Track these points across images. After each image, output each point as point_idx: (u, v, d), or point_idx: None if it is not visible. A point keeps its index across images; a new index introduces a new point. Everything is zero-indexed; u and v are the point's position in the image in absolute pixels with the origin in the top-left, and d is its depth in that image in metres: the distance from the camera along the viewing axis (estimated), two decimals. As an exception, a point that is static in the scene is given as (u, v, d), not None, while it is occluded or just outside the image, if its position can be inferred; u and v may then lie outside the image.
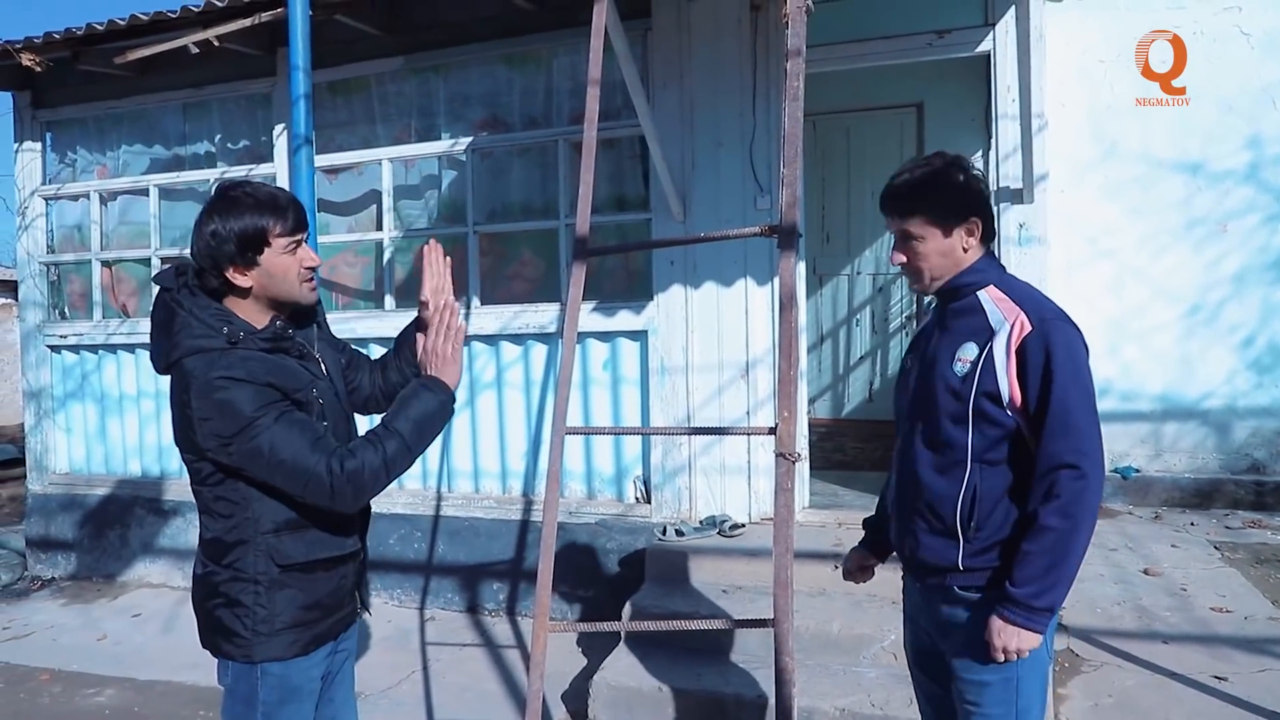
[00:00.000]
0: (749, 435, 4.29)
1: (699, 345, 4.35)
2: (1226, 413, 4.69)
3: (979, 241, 1.89)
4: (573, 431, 2.61)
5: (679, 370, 4.37)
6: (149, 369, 5.48)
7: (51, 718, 3.77)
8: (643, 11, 4.32)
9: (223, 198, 1.78)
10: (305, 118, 3.75)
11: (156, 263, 5.58)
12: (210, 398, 1.69)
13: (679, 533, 4.16)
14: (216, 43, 4.54)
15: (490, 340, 4.80)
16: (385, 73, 5.02)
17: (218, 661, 1.89)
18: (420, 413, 1.82)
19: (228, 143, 5.50)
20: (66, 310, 6.02)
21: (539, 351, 4.74)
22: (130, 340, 5.62)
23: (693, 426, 4.31)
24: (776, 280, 4.00)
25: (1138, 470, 4.77)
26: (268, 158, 5.28)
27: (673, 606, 3.73)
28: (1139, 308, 4.75)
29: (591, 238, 2.70)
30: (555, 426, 2.42)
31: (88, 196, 5.80)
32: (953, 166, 1.88)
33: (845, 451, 5.85)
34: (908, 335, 6.57)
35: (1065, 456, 1.72)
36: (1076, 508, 1.71)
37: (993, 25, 4.07)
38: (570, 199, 4.60)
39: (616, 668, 3.47)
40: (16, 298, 7.54)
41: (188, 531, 5.34)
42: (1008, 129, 4.09)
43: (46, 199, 5.94)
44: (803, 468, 4.32)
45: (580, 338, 4.46)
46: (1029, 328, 1.77)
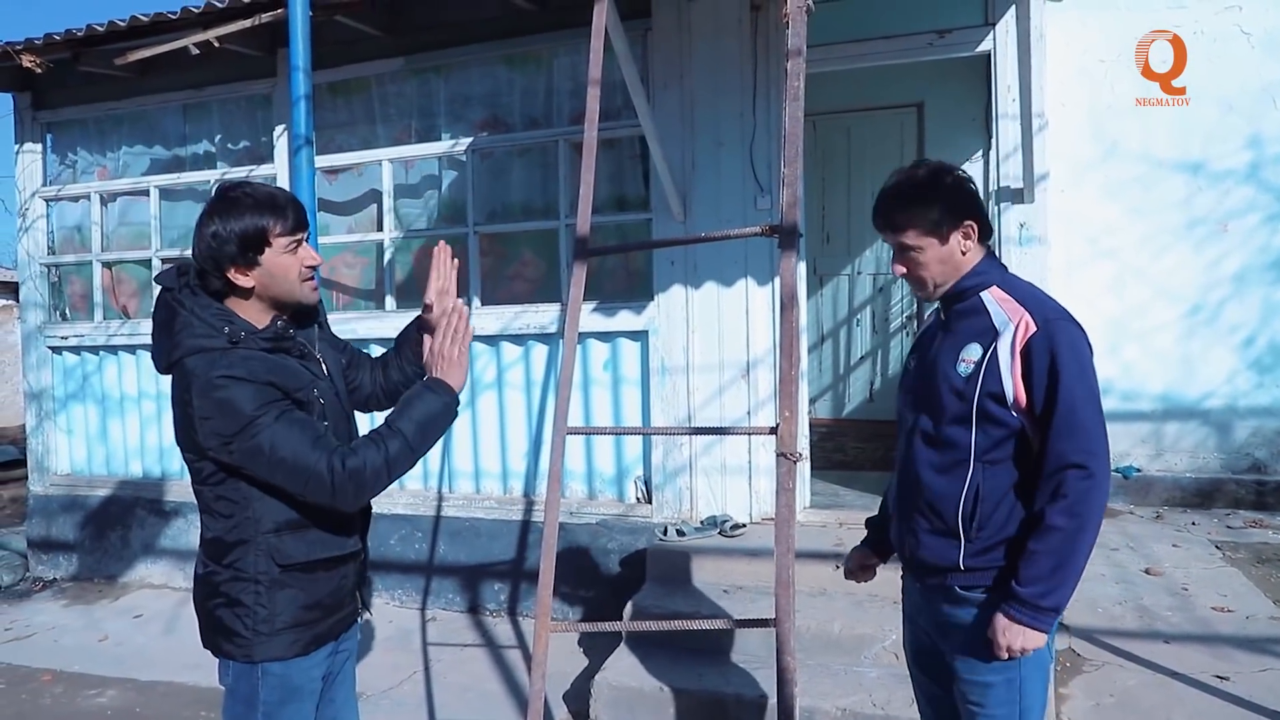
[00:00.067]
0: (750, 435, 4.29)
1: (700, 345, 4.35)
2: (1227, 412, 4.69)
3: (977, 243, 1.88)
4: (574, 431, 2.61)
5: (680, 370, 4.37)
6: (150, 370, 5.50)
7: (53, 718, 3.77)
8: (643, 11, 4.32)
9: (222, 199, 1.79)
10: (306, 118, 3.75)
11: (157, 264, 5.58)
12: (211, 396, 1.69)
13: (680, 533, 4.16)
14: (217, 44, 4.54)
15: (491, 341, 4.80)
16: (385, 73, 5.02)
17: (219, 662, 1.89)
18: (424, 414, 1.82)
19: (228, 143, 5.50)
20: (67, 311, 6.02)
21: (540, 352, 4.74)
22: (131, 341, 5.62)
23: (694, 426, 4.31)
24: (777, 280, 4.00)
25: (1139, 470, 4.77)
26: (268, 158, 5.28)
27: (674, 607, 3.74)
28: (1140, 307, 4.75)
29: (592, 238, 2.70)
30: (556, 426, 2.42)
31: (88, 198, 5.81)
32: (938, 174, 1.87)
33: (846, 451, 5.85)
34: (908, 335, 6.57)
35: (1073, 456, 1.72)
36: (1083, 507, 1.71)
37: (993, 25, 4.07)
38: (570, 199, 4.60)
39: (618, 668, 3.47)
40: (17, 299, 7.55)
41: (189, 532, 5.34)
42: (1008, 129, 4.08)
43: (47, 200, 5.95)
44: (804, 468, 4.32)
45: (581, 338, 4.46)
46: (1034, 328, 1.77)
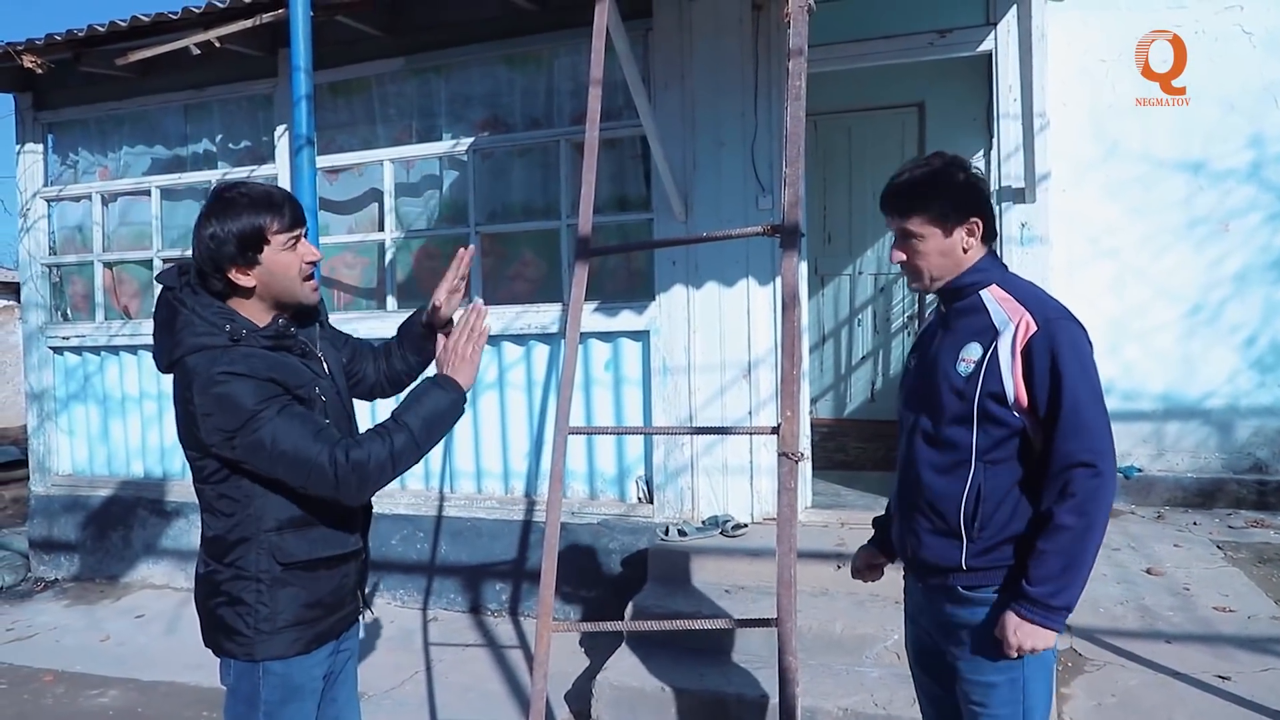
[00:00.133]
0: (751, 435, 4.29)
1: (701, 345, 4.35)
2: (1229, 412, 4.69)
3: (980, 241, 1.88)
4: (576, 431, 2.61)
5: (681, 370, 4.37)
6: (151, 370, 5.49)
7: (55, 719, 3.78)
8: (644, 11, 4.32)
9: (218, 200, 1.79)
10: (307, 118, 3.75)
11: (158, 264, 5.58)
12: (212, 392, 1.69)
13: (681, 533, 4.16)
14: (218, 44, 4.54)
15: (492, 341, 4.80)
16: (386, 73, 5.02)
17: (220, 661, 1.89)
18: (430, 409, 1.82)
19: (229, 143, 5.50)
20: (69, 312, 6.03)
21: (541, 352, 4.74)
22: (132, 342, 5.63)
23: (695, 426, 4.31)
24: (778, 280, 4.00)
25: (1140, 470, 4.76)
26: (269, 158, 5.29)
27: (675, 606, 3.74)
28: (1140, 307, 4.74)
29: (593, 238, 2.70)
30: (558, 426, 2.42)
31: (89, 198, 5.81)
32: (953, 166, 1.88)
33: (847, 451, 5.85)
34: (909, 335, 6.57)
35: (1079, 455, 1.71)
36: (1091, 505, 1.71)
37: (994, 24, 4.07)
38: (572, 199, 4.60)
39: (619, 668, 3.47)
40: (19, 300, 7.54)
41: (190, 533, 5.34)
42: (1009, 128, 4.08)
43: (48, 200, 5.95)
44: (805, 467, 4.31)
45: (582, 338, 4.46)
46: (1034, 327, 1.76)
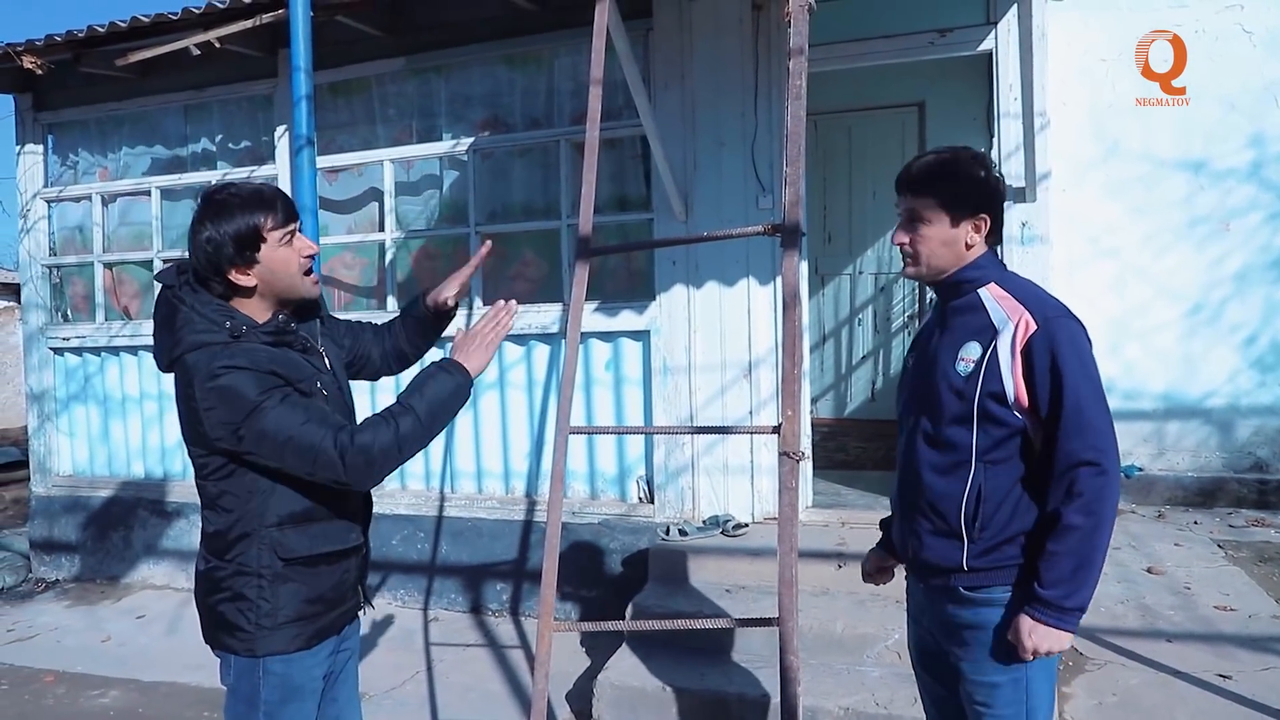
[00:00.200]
0: (752, 434, 4.29)
1: (702, 345, 4.34)
2: (1229, 411, 4.69)
3: (984, 240, 1.88)
4: (577, 431, 2.61)
5: (682, 370, 4.37)
6: (151, 371, 5.50)
7: (56, 719, 3.78)
8: (644, 11, 4.32)
9: (210, 203, 1.80)
10: (307, 119, 3.75)
11: (158, 264, 5.57)
12: (213, 385, 1.70)
13: (682, 532, 4.16)
14: (218, 44, 4.54)
15: (493, 341, 4.79)
16: (386, 73, 5.02)
17: (220, 661, 1.89)
18: (436, 394, 1.82)
19: (229, 144, 5.50)
20: (69, 312, 6.02)
21: (541, 352, 4.74)
22: (133, 342, 5.63)
23: (696, 426, 4.31)
24: (779, 280, 4.01)
25: (1141, 469, 4.76)
26: (269, 159, 5.29)
27: (676, 606, 3.74)
28: (1141, 306, 4.74)
29: (594, 238, 2.70)
30: (559, 426, 2.42)
31: (89, 199, 5.81)
32: (975, 160, 1.88)
33: (848, 451, 5.85)
34: (910, 335, 6.57)
35: (1083, 454, 1.71)
36: (1099, 504, 1.70)
37: (994, 24, 4.07)
38: (572, 199, 4.60)
39: (620, 668, 3.48)
40: (19, 300, 7.54)
41: (191, 533, 5.34)
42: (1010, 128, 4.08)
43: (48, 201, 5.95)
44: (806, 467, 4.31)
45: (583, 338, 4.46)
46: (1034, 326, 1.75)
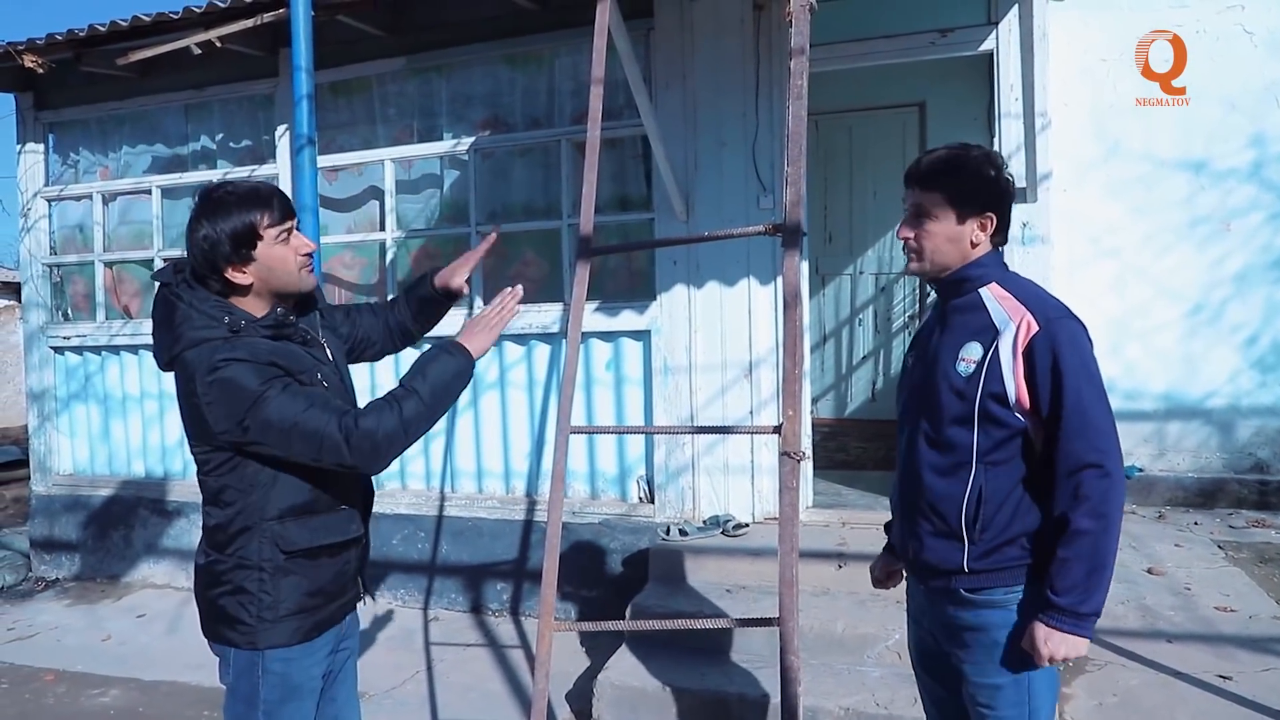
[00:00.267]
0: (753, 434, 4.29)
1: (702, 345, 4.34)
2: (1230, 412, 4.68)
3: (989, 239, 1.86)
4: (577, 431, 2.60)
5: (682, 370, 4.37)
6: (152, 370, 5.50)
7: (56, 718, 3.78)
8: (645, 11, 4.32)
9: (207, 201, 1.81)
10: (308, 118, 3.76)
11: (159, 263, 5.57)
12: (213, 379, 1.71)
13: (682, 532, 4.16)
14: (219, 43, 4.54)
15: (493, 340, 4.79)
16: (387, 73, 5.02)
17: (219, 660, 1.90)
18: (439, 375, 1.83)
19: (230, 143, 5.50)
20: (69, 311, 6.02)
21: (542, 352, 4.74)
22: (133, 341, 5.63)
23: (697, 426, 4.31)
24: (780, 280, 4.01)
25: (1141, 469, 4.76)
26: (270, 158, 5.28)
27: (676, 606, 3.74)
28: (1142, 307, 4.74)
29: (595, 237, 2.70)
30: (560, 426, 2.42)
31: (90, 198, 5.81)
32: (985, 159, 1.87)
33: (848, 451, 5.85)
34: (910, 335, 6.56)
35: (1087, 456, 1.70)
36: (1106, 507, 1.69)
37: (995, 24, 4.06)
38: (573, 199, 4.60)
39: (620, 667, 3.48)
40: (19, 299, 7.54)
41: (191, 532, 5.34)
42: (1011, 128, 4.08)
43: (49, 200, 5.95)
44: (806, 467, 4.31)
45: (584, 337, 4.45)
46: (1036, 328, 1.74)
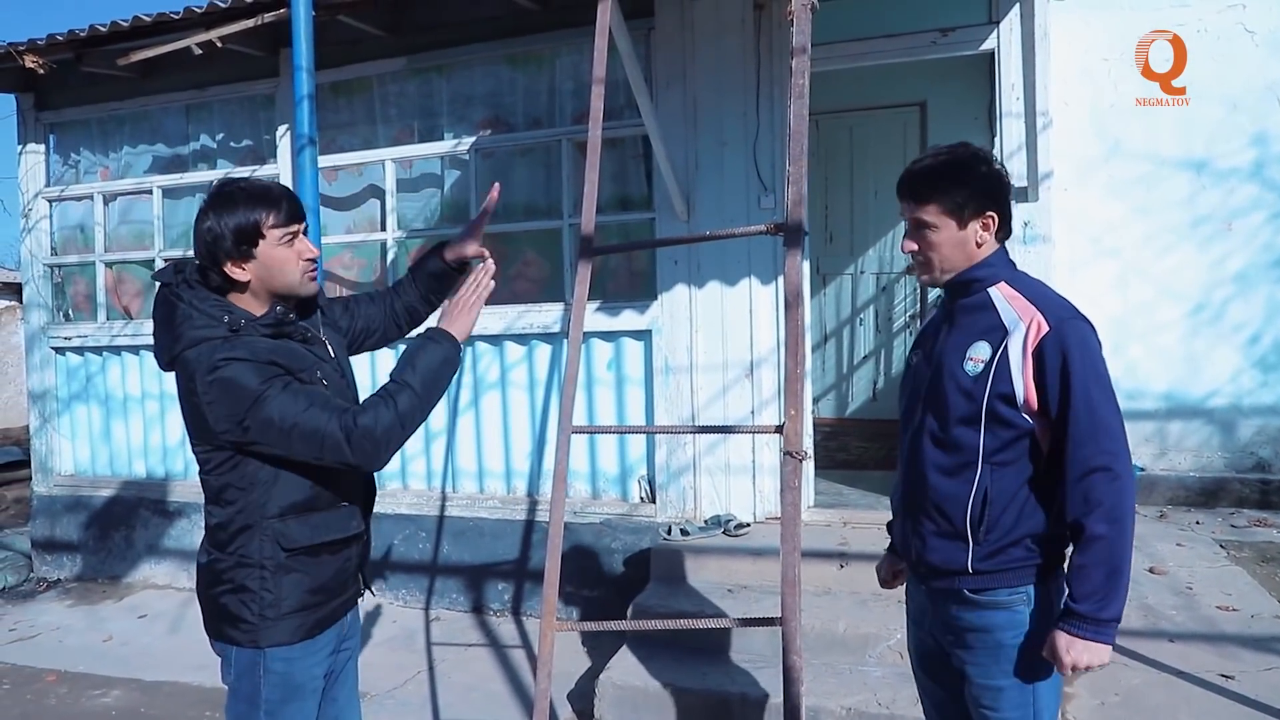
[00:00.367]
0: (754, 434, 4.28)
1: (703, 345, 4.34)
2: (1232, 411, 4.68)
3: (994, 237, 1.85)
4: (579, 430, 2.60)
5: (683, 370, 4.37)
6: (153, 370, 5.50)
7: (58, 718, 3.78)
8: (645, 11, 4.32)
9: (218, 194, 1.82)
10: (309, 118, 3.76)
11: (160, 264, 5.57)
12: (214, 379, 1.71)
13: (684, 532, 4.16)
14: (219, 44, 4.55)
15: (494, 340, 4.80)
16: (388, 73, 5.02)
17: (221, 660, 1.90)
18: (427, 365, 1.84)
19: (230, 143, 5.50)
20: (70, 312, 6.02)
21: (543, 352, 4.73)
22: (134, 342, 5.63)
23: (698, 425, 4.31)
24: (780, 279, 4.00)
25: (1143, 469, 4.76)
26: (270, 158, 5.28)
27: (678, 606, 3.74)
28: (1143, 306, 4.74)
29: (596, 237, 2.70)
30: (562, 426, 2.42)
31: (91, 198, 5.81)
32: (976, 158, 1.84)
33: (850, 451, 5.84)
34: (912, 334, 6.56)
35: (1097, 459, 1.68)
36: (1120, 511, 1.68)
37: (996, 23, 4.06)
38: (574, 199, 4.60)
39: (622, 667, 3.47)
40: (20, 300, 7.54)
41: (193, 532, 5.34)
42: (1012, 127, 4.08)
43: (50, 201, 5.95)
44: (808, 467, 4.31)
45: (585, 337, 4.45)
46: (1046, 328, 1.72)
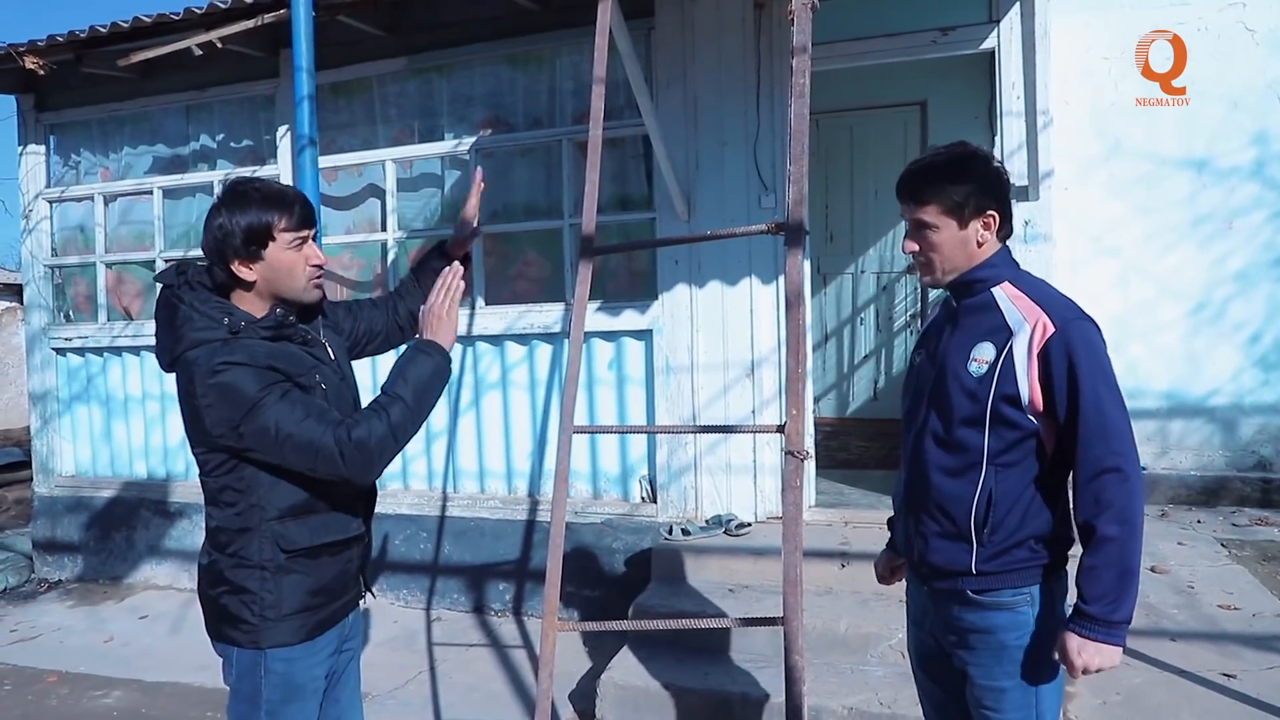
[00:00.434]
0: (756, 433, 4.28)
1: (704, 344, 4.34)
2: (1233, 410, 4.68)
3: (995, 236, 1.84)
4: (580, 430, 2.61)
5: (684, 369, 4.37)
6: (153, 371, 5.50)
7: (59, 719, 3.78)
8: (646, 10, 4.32)
9: (232, 192, 1.83)
10: (309, 119, 3.75)
11: (160, 264, 5.57)
12: (213, 382, 1.71)
13: (685, 532, 4.16)
14: (219, 44, 4.54)
15: (495, 340, 4.80)
16: (388, 73, 5.02)
17: (222, 661, 1.90)
18: (418, 376, 1.85)
19: (231, 143, 5.50)
20: (71, 313, 6.02)
21: (544, 351, 4.73)
22: (135, 342, 5.63)
23: (699, 425, 4.30)
24: (781, 279, 4.00)
25: (1144, 468, 4.75)
26: (271, 159, 5.28)
27: (679, 606, 3.73)
28: (1144, 305, 4.74)
29: (596, 237, 2.70)
30: (563, 426, 2.42)
31: (91, 199, 5.81)
32: (974, 157, 1.83)
33: (850, 450, 5.84)
34: (912, 334, 6.55)
35: (1107, 460, 1.67)
36: (1130, 512, 1.67)
37: (997, 22, 4.06)
38: (574, 199, 4.59)
39: (623, 667, 3.47)
40: (21, 301, 7.54)
41: (194, 533, 5.34)
42: (1012, 126, 4.07)
43: (50, 202, 5.95)
44: (809, 466, 4.31)
45: (586, 337, 4.45)
46: (1052, 329, 1.71)
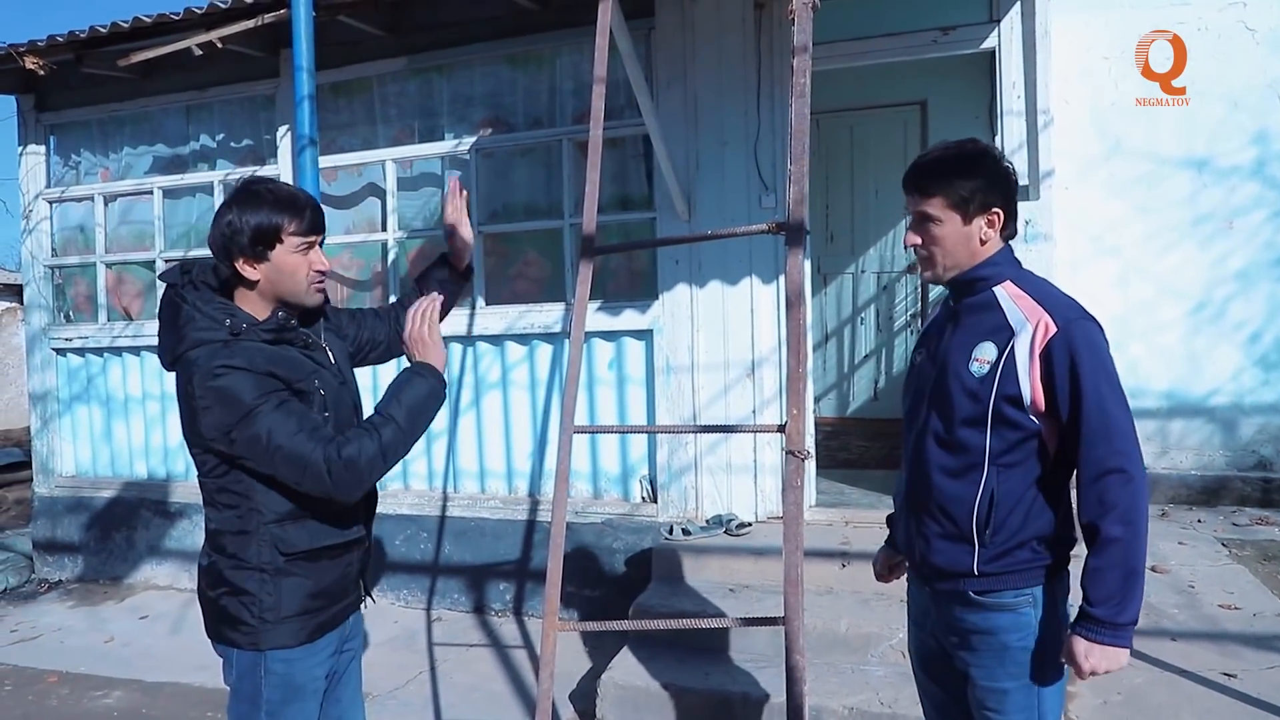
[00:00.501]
0: (756, 433, 4.28)
1: (704, 344, 4.34)
2: (1233, 410, 4.68)
3: (999, 235, 1.83)
4: (581, 430, 2.61)
5: (685, 369, 4.37)
6: (154, 371, 5.51)
7: (59, 719, 3.78)
8: (646, 10, 4.32)
9: (245, 190, 1.83)
10: (310, 119, 3.75)
11: (160, 265, 5.57)
12: (211, 385, 1.71)
13: (685, 532, 4.16)
14: (220, 44, 4.54)
15: (495, 340, 4.80)
16: (388, 73, 5.01)
17: (223, 661, 1.90)
18: (412, 398, 1.85)
19: (231, 143, 5.50)
20: (71, 313, 6.02)
21: (544, 351, 4.73)
22: (135, 343, 5.63)
23: (699, 425, 4.30)
24: (782, 279, 4.00)
25: (1145, 468, 4.76)
26: (271, 159, 5.28)
27: (679, 606, 3.73)
28: (1145, 305, 4.74)
29: (597, 237, 2.70)
30: (564, 425, 2.42)
31: (91, 199, 5.81)
32: (984, 154, 1.83)
33: (851, 450, 5.84)
34: (913, 334, 6.55)
35: (1110, 461, 1.67)
36: (1135, 513, 1.67)
37: (997, 22, 4.06)
38: (574, 198, 4.60)
39: (624, 667, 3.47)
40: (21, 301, 7.54)
41: (194, 533, 5.34)
42: (1012, 125, 4.08)
43: (50, 202, 5.95)
44: (809, 466, 4.31)
45: (586, 337, 4.44)
46: (1054, 329, 1.71)
